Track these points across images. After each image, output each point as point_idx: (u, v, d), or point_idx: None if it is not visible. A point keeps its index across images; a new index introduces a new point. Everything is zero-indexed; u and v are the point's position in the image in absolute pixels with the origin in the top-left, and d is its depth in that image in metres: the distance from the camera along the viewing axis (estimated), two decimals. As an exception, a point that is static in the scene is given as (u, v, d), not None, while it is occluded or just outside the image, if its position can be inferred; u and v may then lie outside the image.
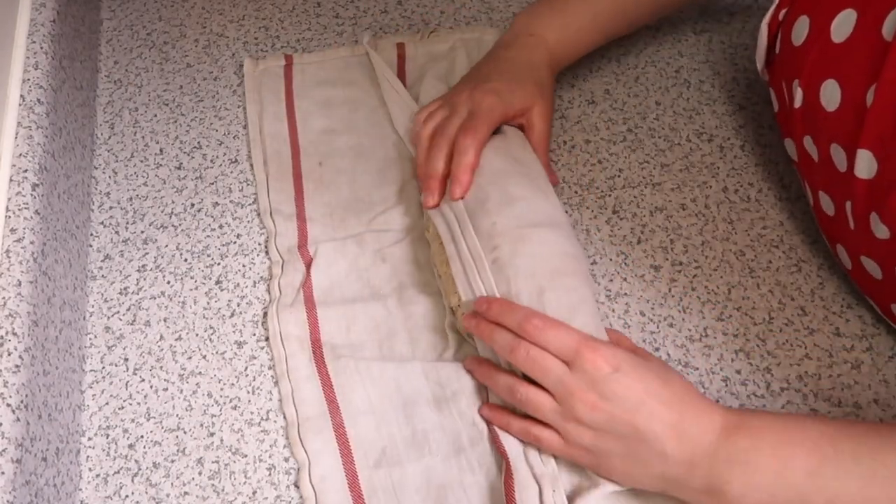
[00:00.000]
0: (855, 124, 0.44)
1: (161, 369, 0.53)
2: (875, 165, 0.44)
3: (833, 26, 0.47)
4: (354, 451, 0.48)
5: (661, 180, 0.61)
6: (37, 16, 0.60)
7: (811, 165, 0.51)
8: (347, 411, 0.49)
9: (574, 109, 0.65)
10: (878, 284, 0.48)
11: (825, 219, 0.52)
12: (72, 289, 0.54)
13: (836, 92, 0.46)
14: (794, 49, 0.50)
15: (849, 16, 0.46)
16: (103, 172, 0.63)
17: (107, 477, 0.49)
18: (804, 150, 0.51)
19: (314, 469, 0.47)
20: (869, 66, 0.44)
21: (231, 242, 0.59)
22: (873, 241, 0.45)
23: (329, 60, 0.68)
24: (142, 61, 0.71)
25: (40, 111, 0.55)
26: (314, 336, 0.52)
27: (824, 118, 0.48)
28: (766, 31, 0.53)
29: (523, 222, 0.50)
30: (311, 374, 0.51)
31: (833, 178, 0.48)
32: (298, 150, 0.62)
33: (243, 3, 0.75)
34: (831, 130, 0.47)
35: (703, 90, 0.66)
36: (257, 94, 0.66)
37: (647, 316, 0.54)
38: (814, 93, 0.48)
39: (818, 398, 0.50)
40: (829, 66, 0.47)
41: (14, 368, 0.43)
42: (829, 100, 0.47)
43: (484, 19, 0.72)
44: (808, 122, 0.50)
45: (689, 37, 0.70)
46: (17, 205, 0.49)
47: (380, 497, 0.46)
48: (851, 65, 0.45)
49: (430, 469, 0.47)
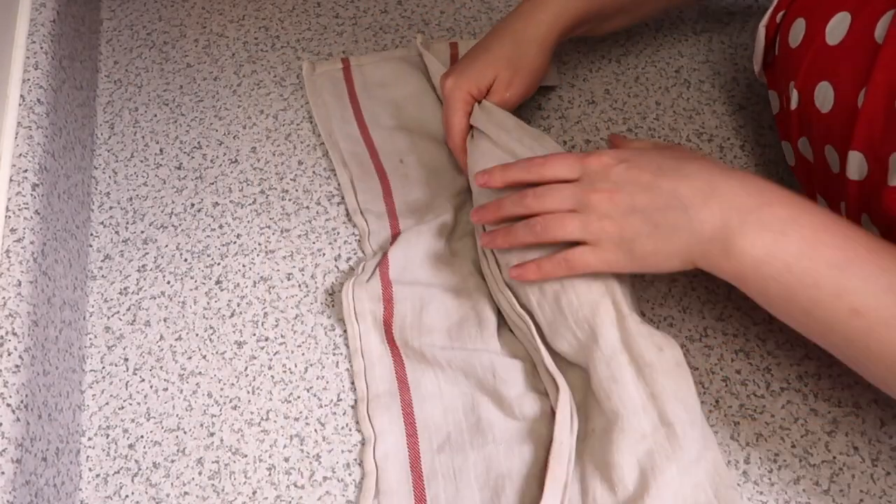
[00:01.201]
0: (847, 126, 0.45)
1: (161, 369, 0.53)
2: (865, 167, 0.44)
3: (828, 29, 0.47)
4: (420, 432, 0.48)
5: (661, 180, 0.61)
6: (37, 16, 0.60)
7: (807, 168, 0.51)
8: (417, 393, 0.49)
9: (574, 109, 0.65)
10: None
11: None
12: (72, 289, 0.54)
13: (829, 94, 0.47)
14: (790, 51, 0.50)
15: (843, 18, 0.46)
16: (103, 172, 0.63)
17: (107, 477, 0.49)
18: (799, 152, 0.52)
19: (379, 446, 0.47)
20: (861, 69, 0.44)
21: (231, 242, 0.59)
22: None
23: (385, 61, 0.68)
24: (142, 61, 0.71)
25: (40, 111, 0.55)
26: (387, 314, 0.52)
27: (818, 120, 0.48)
28: (764, 33, 0.53)
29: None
30: (383, 353, 0.51)
31: (828, 179, 0.48)
32: (375, 149, 0.62)
33: (243, 3, 0.75)
34: (825, 132, 0.47)
35: (703, 90, 0.66)
36: (320, 97, 0.66)
37: (647, 316, 0.54)
38: (809, 95, 0.48)
39: (818, 398, 0.50)
40: (824, 68, 0.47)
41: (14, 368, 0.43)
42: (822, 102, 0.47)
43: (484, 19, 0.72)
44: (804, 124, 0.50)
45: (689, 37, 0.70)
46: (17, 205, 0.49)
47: (439, 481, 0.46)
48: (844, 67, 0.45)
49: (490, 458, 0.47)
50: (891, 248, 0.39)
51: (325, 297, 0.56)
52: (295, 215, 0.60)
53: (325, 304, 0.55)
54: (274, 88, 0.68)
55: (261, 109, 0.67)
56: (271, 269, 0.57)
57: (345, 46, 0.70)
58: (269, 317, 0.55)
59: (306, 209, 0.60)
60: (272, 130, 0.65)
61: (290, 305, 0.55)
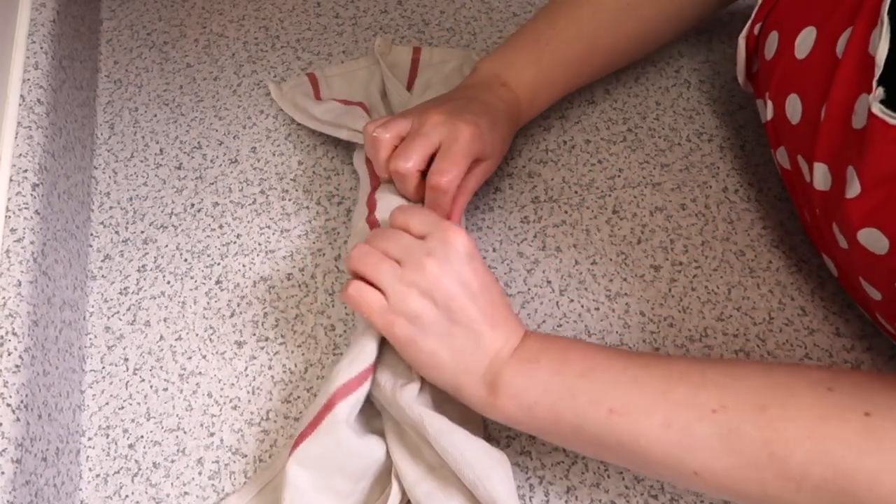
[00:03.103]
0: (812, 138, 0.46)
1: (161, 369, 0.53)
2: (829, 178, 0.45)
3: (797, 42, 0.48)
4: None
5: (661, 180, 0.61)
6: (37, 16, 0.60)
7: (788, 176, 0.52)
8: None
9: (574, 109, 0.65)
10: (859, 293, 0.48)
11: (808, 228, 0.52)
12: (72, 289, 0.54)
13: (797, 106, 0.47)
14: (766, 63, 0.51)
15: (810, 33, 0.47)
16: (103, 172, 0.63)
17: (107, 477, 0.49)
18: (778, 161, 0.53)
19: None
20: (823, 82, 0.45)
21: (231, 242, 0.59)
22: (839, 250, 0.46)
23: (351, 74, 0.68)
24: (142, 61, 0.71)
25: (40, 111, 0.55)
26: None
27: (790, 131, 0.49)
28: (744, 44, 0.54)
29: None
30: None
31: (803, 189, 0.49)
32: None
33: (243, 3, 0.75)
34: (796, 143, 0.48)
35: (703, 90, 0.66)
36: (291, 102, 0.65)
37: (647, 316, 0.54)
38: (780, 106, 0.49)
39: (818, 398, 0.50)
40: (792, 80, 0.48)
41: (14, 368, 0.43)
42: (792, 113, 0.48)
43: (484, 19, 0.72)
44: (779, 135, 0.51)
45: (689, 37, 0.70)
46: (17, 205, 0.49)
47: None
48: (809, 80, 0.46)
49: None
50: (626, 351, 0.43)
51: (325, 297, 0.56)
52: (295, 215, 0.60)
53: (325, 304, 0.55)
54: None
55: (261, 109, 0.67)
56: (271, 269, 0.57)
57: (345, 46, 0.70)
58: (269, 317, 0.55)
59: (306, 209, 0.60)
60: (272, 130, 0.65)
61: (290, 305, 0.55)
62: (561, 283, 0.55)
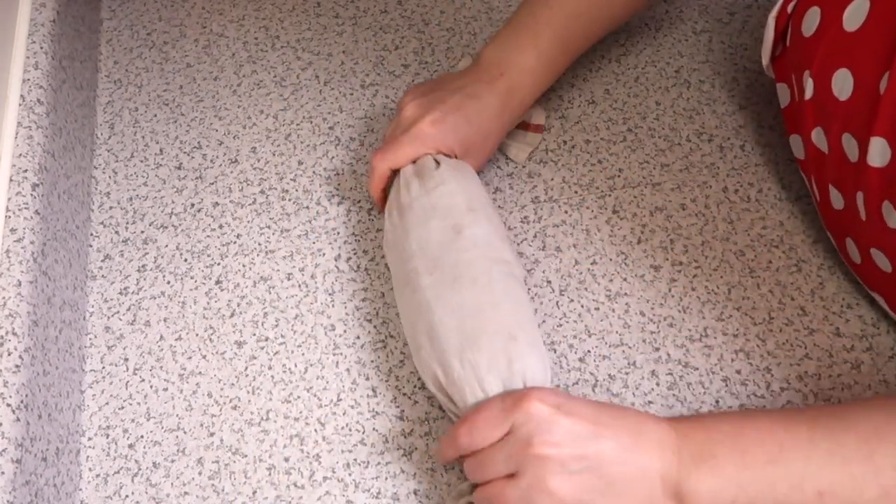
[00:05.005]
0: (868, 112, 0.44)
1: (161, 369, 0.53)
2: (889, 153, 0.44)
3: (846, 15, 0.47)
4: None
5: (661, 180, 0.61)
6: (37, 16, 0.60)
7: (821, 159, 0.51)
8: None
9: (574, 109, 0.65)
10: (887, 278, 0.48)
11: (833, 214, 0.51)
12: (72, 289, 0.54)
13: (848, 80, 0.46)
14: (804, 40, 0.50)
15: (861, 4, 0.46)
16: (103, 172, 0.63)
17: (107, 477, 0.49)
18: (812, 144, 0.51)
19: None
20: (883, 54, 0.43)
21: (231, 242, 0.59)
22: (886, 231, 0.45)
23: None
24: (142, 61, 0.71)
25: (40, 111, 0.55)
26: None
27: (836, 108, 0.48)
28: (774, 24, 0.53)
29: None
30: None
31: (844, 169, 0.48)
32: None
33: (243, 3, 0.75)
34: (844, 120, 0.47)
35: (703, 90, 0.66)
36: None
37: (647, 316, 0.54)
38: (825, 83, 0.48)
39: (818, 398, 0.50)
40: (842, 54, 0.47)
41: (14, 368, 0.43)
42: (840, 89, 0.47)
43: (484, 19, 0.72)
44: (819, 114, 0.50)
45: (689, 37, 0.70)
46: (17, 205, 0.49)
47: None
48: (864, 53, 0.45)
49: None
50: (797, 414, 0.41)
51: (325, 297, 0.56)
52: (295, 215, 0.60)
53: (325, 304, 0.55)
54: (274, 88, 0.68)
55: (261, 109, 0.67)
56: (271, 269, 0.57)
57: (345, 46, 0.70)
58: (269, 317, 0.55)
59: (306, 209, 0.60)
60: (272, 130, 0.65)
61: (290, 305, 0.55)
62: (561, 283, 0.55)
